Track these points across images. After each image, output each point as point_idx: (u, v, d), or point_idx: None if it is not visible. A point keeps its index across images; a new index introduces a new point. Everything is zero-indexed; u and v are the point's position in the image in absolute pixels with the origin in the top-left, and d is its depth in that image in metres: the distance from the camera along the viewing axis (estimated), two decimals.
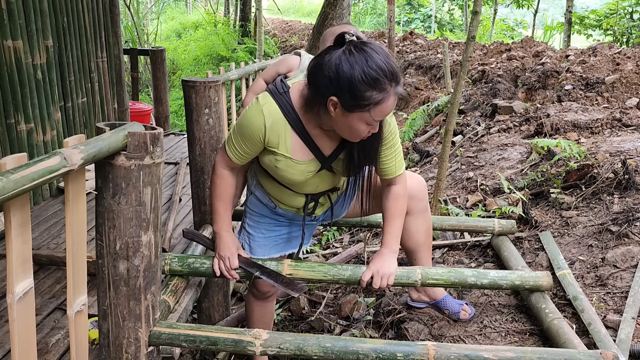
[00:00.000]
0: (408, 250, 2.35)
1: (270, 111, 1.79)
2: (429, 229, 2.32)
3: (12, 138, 3.36)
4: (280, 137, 1.81)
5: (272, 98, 1.81)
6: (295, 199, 2.05)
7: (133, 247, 1.55)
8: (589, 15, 13.32)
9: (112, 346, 1.64)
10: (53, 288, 2.54)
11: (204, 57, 14.14)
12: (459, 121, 5.36)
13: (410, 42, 11.11)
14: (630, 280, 2.25)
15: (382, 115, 1.68)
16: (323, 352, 1.68)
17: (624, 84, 4.85)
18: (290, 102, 1.80)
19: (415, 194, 2.17)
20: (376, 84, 1.60)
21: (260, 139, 1.82)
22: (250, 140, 1.84)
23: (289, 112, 1.80)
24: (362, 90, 1.60)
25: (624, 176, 2.91)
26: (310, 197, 2.04)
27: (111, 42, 4.65)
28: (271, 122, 1.79)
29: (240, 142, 1.87)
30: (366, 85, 1.59)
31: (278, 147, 1.83)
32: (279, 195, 2.06)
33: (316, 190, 2.03)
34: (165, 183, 4.17)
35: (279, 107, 1.80)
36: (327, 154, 1.88)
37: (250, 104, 1.86)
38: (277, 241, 2.17)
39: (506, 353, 1.66)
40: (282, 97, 1.81)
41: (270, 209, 2.12)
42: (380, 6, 23.30)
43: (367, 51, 1.61)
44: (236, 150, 1.89)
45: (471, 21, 3.27)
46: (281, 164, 1.86)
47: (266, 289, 2.25)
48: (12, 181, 1.06)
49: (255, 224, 2.15)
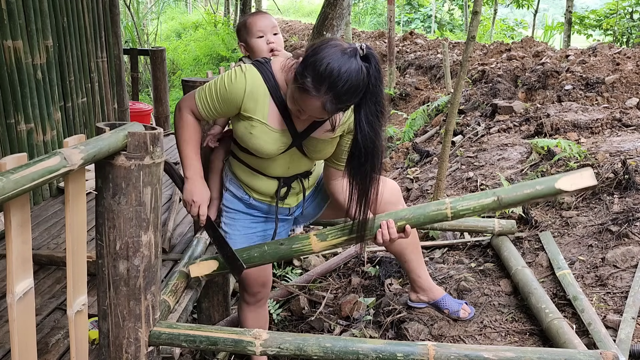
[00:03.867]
0: (394, 254, 2.37)
1: (252, 77, 1.86)
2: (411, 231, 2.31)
3: (12, 138, 3.36)
4: (257, 104, 1.87)
5: (254, 67, 1.89)
6: (267, 183, 2.08)
7: (133, 247, 1.55)
8: (589, 15, 13.32)
9: (112, 346, 1.64)
10: (53, 288, 2.54)
11: (204, 57, 14.15)
12: (459, 121, 5.36)
13: (410, 42, 11.11)
14: (630, 280, 2.25)
15: (304, 104, 1.72)
16: (323, 352, 1.68)
17: (624, 84, 4.85)
18: (271, 71, 1.89)
19: (389, 199, 2.16)
20: (319, 77, 1.63)
21: (236, 103, 1.88)
22: (226, 102, 1.89)
23: (269, 79, 1.87)
24: (309, 70, 1.65)
25: (624, 176, 2.91)
26: (282, 181, 2.07)
27: (111, 42, 4.65)
28: (251, 88, 1.85)
29: (214, 101, 1.91)
30: (315, 69, 1.64)
31: (255, 113, 1.88)
32: (252, 181, 2.09)
33: (287, 172, 2.06)
34: (165, 183, 4.17)
35: (261, 75, 1.87)
36: (300, 130, 1.93)
37: (233, 68, 1.93)
38: (252, 239, 2.19)
39: (506, 353, 1.66)
40: (264, 67, 1.89)
41: (244, 202, 2.15)
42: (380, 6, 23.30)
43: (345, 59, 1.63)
44: (208, 106, 1.93)
45: (471, 21, 3.27)
46: (256, 130, 1.89)
47: (256, 289, 2.26)
48: (12, 181, 1.06)
49: (231, 221, 2.18)
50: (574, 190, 1.83)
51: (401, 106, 8.06)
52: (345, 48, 1.65)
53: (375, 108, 1.71)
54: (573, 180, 1.82)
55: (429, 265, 2.85)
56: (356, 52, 1.64)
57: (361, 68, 1.63)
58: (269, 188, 2.10)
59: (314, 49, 1.68)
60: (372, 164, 1.81)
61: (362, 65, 1.63)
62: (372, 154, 1.78)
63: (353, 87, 1.63)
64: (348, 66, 1.61)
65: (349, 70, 1.61)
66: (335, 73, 1.61)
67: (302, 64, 1.69)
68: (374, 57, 1.66)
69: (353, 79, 1.62)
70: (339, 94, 1.64)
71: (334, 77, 1.61)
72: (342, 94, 1.64)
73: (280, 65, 1.89)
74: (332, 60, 1.62)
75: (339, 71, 1.61)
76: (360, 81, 1.64)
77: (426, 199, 3.90)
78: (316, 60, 1.63)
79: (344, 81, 1.61)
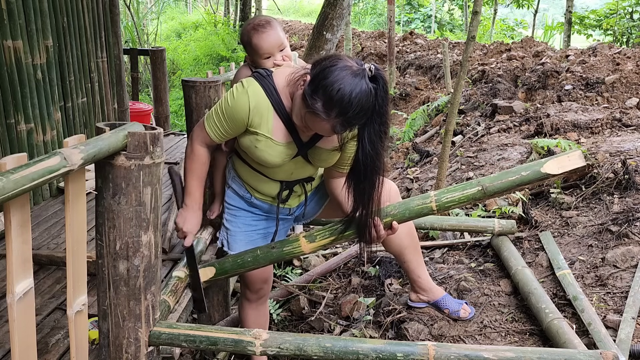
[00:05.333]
0: (394, 254, 2.37)
1: (254, 92, 1.87)
2: (409, 230, 2.32)
3: (12, 138, 3.36)
4: (262, 118, 1.88)
5: (256, 81, 1.89)
6: (270, 185, 2.09)
7: (133, 247, 1.55)
8: (589, 15, 13.31)
9: (112, 346, 1.64)
10: (53, 288, 2.54)
11: (204, 57, 14.15)
12: (459, 121, 5.36)
13: (410, 42, 11.10)
14: (630, 280, 2.25)
15: (313, 124, 1.74)
16: (323, 352, 1.68)
17: (624, 84, 4.85)
18: (273, 84, 1.89)
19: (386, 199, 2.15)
20: (327, 103, 1.64)
21: (243, 121, 1.88)
22: (234, 121, 1.90)
23: (271, 93, 1.88)
24: (320, 94, 1.65)
25: (624, 176, 2.91)
26: (284, 184, 2.09)
27: (111, 42, 4.64)
28: (255, 103, 1.86)
29: (222, 122, 1.92)
30: (326, 94, 1.64)
31: (260, 128, 1.89)
32: (255, 182, 2.10)
33: (290, 177, 2.07)
34: (165, 183, 4.17)
35: (263, 89, 1.87)
36: (305, 140, 1.94)
37: (234, 86, 1.93)
38: (253, 237, 2.20)
39: (506, 353, 1.66)
40: (266, 80, 1.89)
41: (246, 200, 2.16)
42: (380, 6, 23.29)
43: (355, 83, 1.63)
44: (217, 129, 1.95)
45: (471, 21, 3.27)
46: (261, 144, 1.91)
47: (258, 286, 2.27)
48: (12, 181, 1.06)
49: (232, 218, 2.20)
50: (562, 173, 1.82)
51: (401, 106, 8.06)
52: (355, 70, 1.65)
53: (379, 128, 1.71)
54: (560, 162, 1.80)
55: (429, 265, 2.85)
56: (365, 73, 1.65)
57: (370, 90, 1.64)
58: (271, 190, 2.11)
59: (324, 71, 1.66)
60: (371, 182, 1.81)
61: (371, 87, 1.64)
62: (371, 171, 1.79)
63: (363, 110, 1.65)
64: (359, 90, 1.62)
65: (360, 95, 1.62)
66: (346, 99, 1.61)
67: (312, 86, 1.68)
68: (382, 78, 1.67)
69: (363, 103, 1.64)
70: (349, 118, 1.65)
71: (345, 102, 1.62)
72: (352, 118, 1.66)
73: (284, 78, 1.88)
74: (344, 85, 1.62)
75: (349, 96, 1.61)
76: (370, 104, 1.65)
77: None
78: (327, 85, 1.63)
79: (355, 106, 1.63)
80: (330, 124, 1.67)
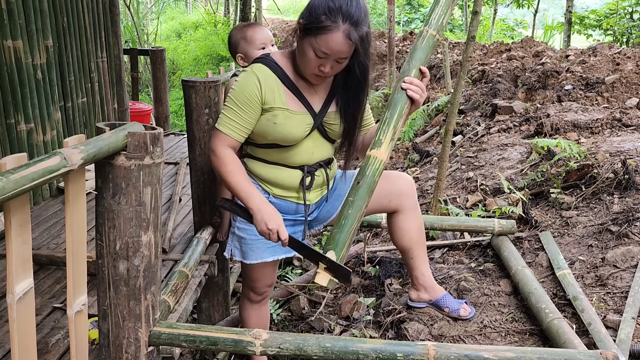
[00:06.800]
0: (403, 249, 2.35)
1: (259, 69, 1.93)
2: (420, 226, 2.34)
3: (12, 138, 3.35)
4: (274, 92, 1.92)
5: (257, 62, 1.97)
6: (291, 175, 2.05)
7: (133, 247, 1.55)
8: (589, 15, 13.31)
9: (112, 346, 1.64)
10: (53, 288, 2.54)
11: (204, 57, 14.14)
12: (459, 121, 5.36)
13: (410, 42, 11.09)
14: (630, 280, 2.25)
15: (327, 47, 1.77)
16: (323, 352, 1.68)
17: (624, 84, 4.85)
18: (274, 61, 1.96)
19: (404, 191, 2.24)
20: (330, 12, 1.73)
21: (257, 100, 1.91)
22: (248, 104, 1.91)
23: (275, 68, 1.94)
24: (318, 12, 1.75)
25: (624, 176, 2.91)
26: (306, 169, 2.06)
27: (111, 42, 4.64)
28: (263, 78, 1.91)
29: (237, 113, 1.92)
30: (322, 8, 1.74)
31: (274, 102, 1.92)
32: (274, 175, 2.04)
33: (312, 157, 2.05)
34: (165, 183, 4.17)
35: (266, 66, 1.94)
36: (317, 109, 1.99)
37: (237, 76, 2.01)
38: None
39: (506, 353, 1.66)
40: (266, 59, 1.96)
41: None
42: (380, 6, 23.28)
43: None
44: (234, 124, 1.93)
45: (471, 21, 3.27)
46: (279, 119, 1.92)
47: (263, 289, 2.25)
48: (12, 181, 1.06)
49: (247, 225, 2.06)
50: None
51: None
52: None
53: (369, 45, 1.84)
54: None
55: (429, 266, 2.85)
56: None
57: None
58: (292, 180, 2.05)
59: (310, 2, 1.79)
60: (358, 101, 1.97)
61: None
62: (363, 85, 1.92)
63: (364, 11, 1.76)
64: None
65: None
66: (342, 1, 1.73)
67: (307, 13, 1.79)
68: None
69: (361, 2, 1.76)
70: (355, 18, 1.74)
71: (343, 2, 1.73)
72: (358, 18, 1.75)
73: (280, 54, 1.97)
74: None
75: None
76: (366, 7, 1.78)
77: (426, 199, 3.90)
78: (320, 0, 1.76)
79: (354, 5, 1.74)
80: (341, 31, 1.74)
